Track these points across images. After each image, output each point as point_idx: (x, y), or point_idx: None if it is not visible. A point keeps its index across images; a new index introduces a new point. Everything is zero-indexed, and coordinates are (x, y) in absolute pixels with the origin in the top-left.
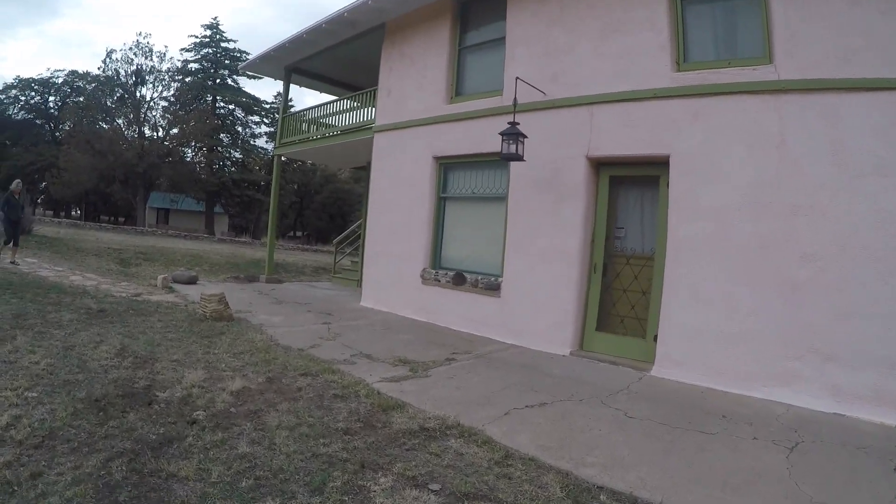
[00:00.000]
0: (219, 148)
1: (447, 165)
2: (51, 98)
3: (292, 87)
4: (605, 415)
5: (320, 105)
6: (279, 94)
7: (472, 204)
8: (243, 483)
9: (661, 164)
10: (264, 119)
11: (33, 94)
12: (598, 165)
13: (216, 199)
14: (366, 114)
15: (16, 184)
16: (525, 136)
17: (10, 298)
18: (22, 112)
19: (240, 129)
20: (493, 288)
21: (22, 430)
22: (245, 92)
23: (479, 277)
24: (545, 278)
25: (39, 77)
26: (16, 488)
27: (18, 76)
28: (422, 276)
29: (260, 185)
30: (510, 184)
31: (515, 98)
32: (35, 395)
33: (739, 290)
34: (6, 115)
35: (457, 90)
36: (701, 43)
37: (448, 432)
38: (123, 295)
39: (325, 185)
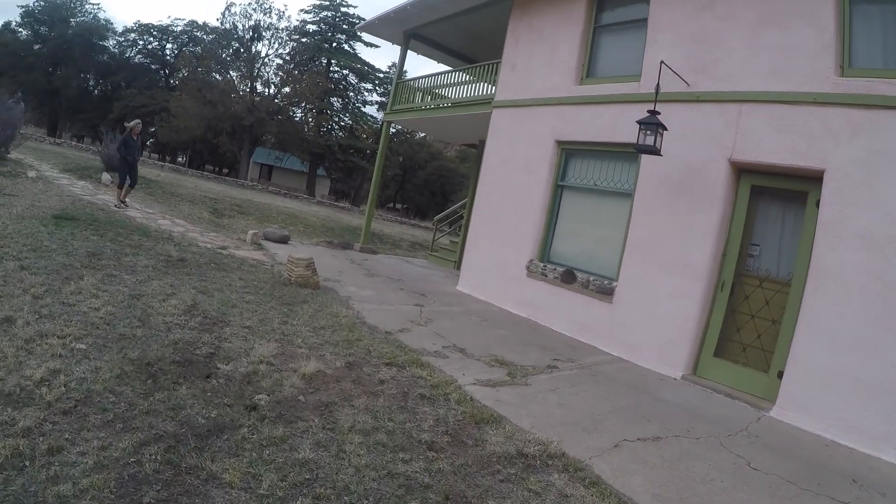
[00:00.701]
0: (328, 111)
1: (570, 151)
2: (168, 45)
3: (408, 55)
4: (725, 462)
5: (436, 74)
6: (394, 63)
7: (592, 196)
8: (298, 502)
9: (813, 179)
10: (377, 88)
11: (151, 39)
12: (740, 172)
13: (320, 162)
14: (482, 88)
15: (135, 123)
16: (665, 129)
17: (91, 235)
18: (139, 56)
19: (351, 94)
20: (606, 292)
21: (55, 388)
22: (360, 58)
23: (591, 278)
24: (665, 289)
25: (159, 24)
26: (26, 464)
27: (138, 21)
28: (527, 268)
29: (365, 152)
30: (638, 180)
31: (658, 84)
32: (83, 346)
33: (888, 336)
34: (124, 56)
35: (588, 71)
36: (869, 48)
37: (550, 463)
38: (208, 246)
39: (430, 161)
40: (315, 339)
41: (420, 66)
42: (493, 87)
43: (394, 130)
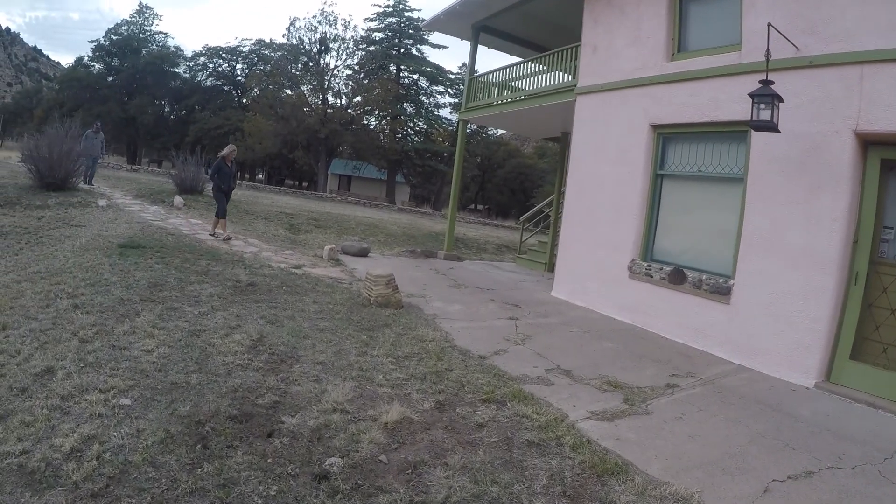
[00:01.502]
0: (402, 117)
1: (667, 136)
2: (238, 66)
3: (479, 50)
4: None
5: (510, 66)
6: (464, 63)
7: (696, 184)
8: None
9: None
10: (449, 90)
11: (221, 61)
12: (867, 144)
13: (398, 168)
14: (558, 77)
15: (229, 150)
16: (781, 100)
17: (155, 264)
18: (210, 78)
19: (423, 99)
20: (721, 292)
21: (86, 462)
22: (429, 62)
23: (704, 277)
24: (791, 285)
25: (227, 45)
26: None
27: (206, 45)
28: (629, 269)
29: (443, 155)
30: (749, 162)
31: (768, 49)
32: (127, 402)
33: None
34: (195, 80)
35: (679, 45)
36: None
37: None
38: (282, 266)
39: (508, 159)
40: (398, 374)
41: (492, 61)
42: (571, 75)
43: (469, 130)
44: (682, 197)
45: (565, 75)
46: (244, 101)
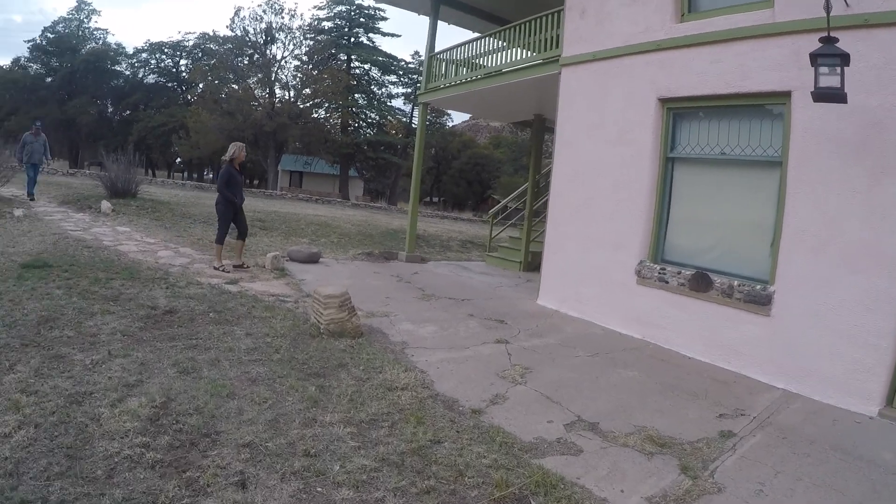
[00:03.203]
0: (353, 109)
1: (679, 112)
2: (182, 61)
3: (439, 26)
4: None
5: (477, 38)
6: (417, 52)
7: (718, 169)
8: None
9: None
10: (402, 79)
11: (164, 57)
12: None
13: (350, 163)
14: (537, 48)
15: (236, 149)
16: (849, 61)
17: (56, 289)
18: (153, 75)
19: (375, 89)
20: (759, 301)
21: None
22: (381, 50)
23: (735, 283)
24: (848, 292)
25: (170, 40)
26: None
27: (148, 40)
28: (637, 273)
29: (396, 147)
30: (790, 142)
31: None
32: None
33: None
34: (137, 78)
35: (690, 4)
36: None
37: None
38: (214, 282)
39: (463, 150)
40: (363, 460)
41: (452, 40)
42: (553, 46)
43: (430, 118)
44: (700, 184)
45: (543, 46)
46: (189, 97)
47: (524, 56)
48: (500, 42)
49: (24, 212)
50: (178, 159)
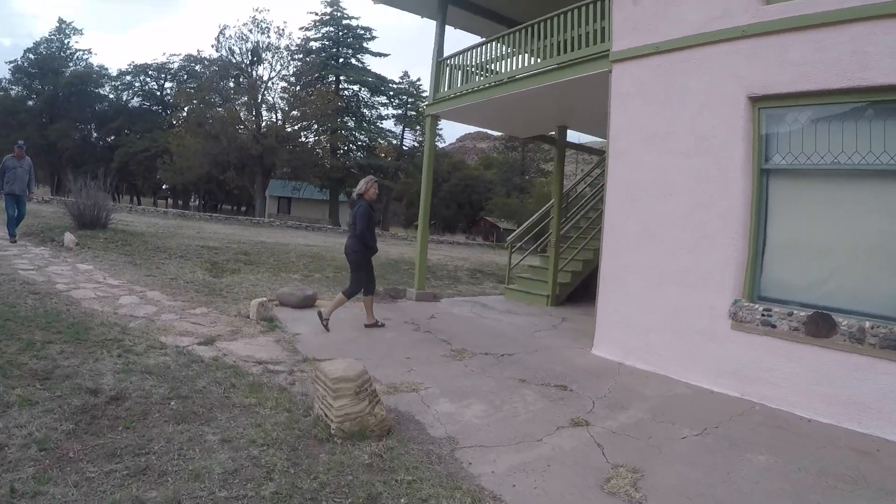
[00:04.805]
0: (342, 131)
1: (775, 113)
2: (167, 84)
3: (447, 31)
4: None
5: (497, 38)
6: (406, 73)
7: (830, 182)
8: None
9: None
10: (392, 100)
11: (148, 79)
12: None
13: (340, 187)
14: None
15: (368, 184)
16: None
17: None
18: (137, 98)
19: (365, 111)
20: None
21: None
22: (370, 71)
23: (868, 325)
24: None
25: (154, 63)
26: None
27: (132, 62)
28: (732, 316)
29: (387, 170)
30: None
31: None
32: None
33: None
34: (121, 101)
35: None
36: None
37: None
38: (183, 344)
39: (453, 172)
40: None
41: (454, 48)
42: (609, 30)
43: (414, 144)
44: (805, 202)
45: (582, 42)
46: (173, 121)
47: (550, 57)
48: (526, 40)
49: None
50: (165, 185)
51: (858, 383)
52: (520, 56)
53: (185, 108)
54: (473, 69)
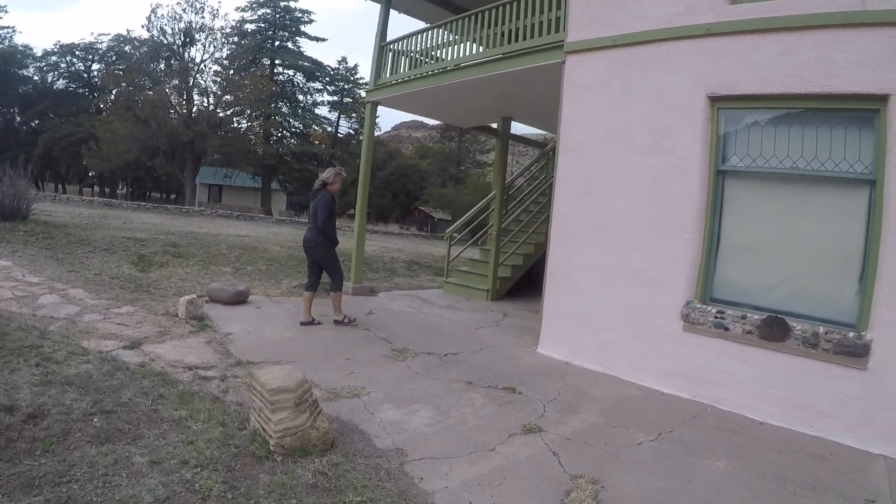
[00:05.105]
0: (276, 117)
1: (735, 114)
2: (94, 65)
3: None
4: None
5: (445, 23)
6: (344, 58)
7: (788, 187)
8: None
9: None
10: (328, 87)
11: (75, 60)
12: None
13: (273, 175)
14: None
15: (332, 175)
16: None
17: None
18: (63, 80)
19: (300, 96)
20: (854, 352)
21: None
22: (307, 56)
23: (821, 330)
24: None
25: (82, 42)
26: None
27: (59, 41)
28: (685, 318)
29: (323, 158)
30: (888, 155)
31: None
32: None
33: None
34: (46, 83)
35: None
36: None
37: None
38: (107, 349)
39: (389, 160)
40: None
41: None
42: (551, 29)
43: (350, 132)
44: (762, 206)
45: (534, 31)
46: (101, 105)
47: (500, 45)
48: (475, 27)
49: None
50: (91, 173)
51: (811, 388)
52: (467, 44)
53: (114, 92)
54: (418, 56)
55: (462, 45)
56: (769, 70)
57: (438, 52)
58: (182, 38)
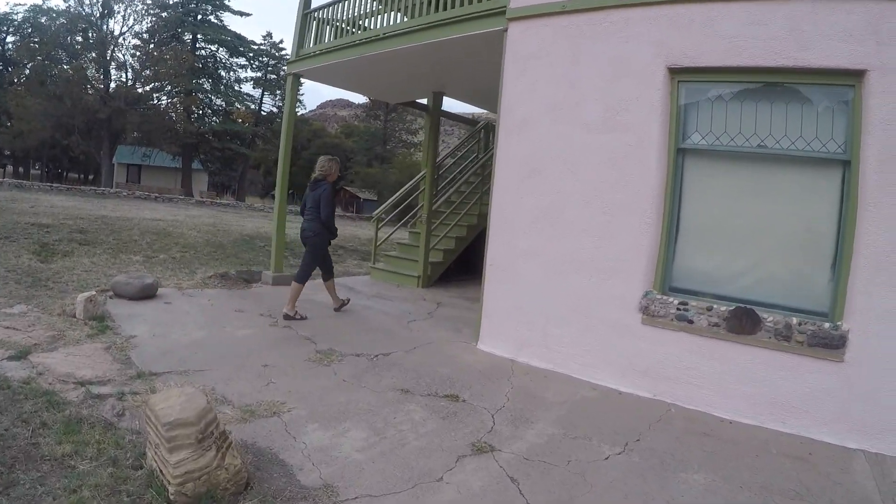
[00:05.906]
0: (197, 94)
1: (697, 88)
2: (9, 38)
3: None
4: None
5: None
6: (269, 33)
7: (759, 169)
8: None
9: None
10: (251, 62)
11: None
12: None
13: (194, 154)
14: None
15: (328, 162)
16: None
17: None
18: None
19: (223, 73)
20: (830, 344)
21: None
22: (230, 30)
23: (795, 321)
24: None
25: None
26: None
27: None
28: (644, 310)
29: (244, 137)
30: (865, 135)
31: None
32: None
33: None
34: None
35: None
36: None
37: None
38: None
39: (313, 139)
40: None
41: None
42: None
43: (273, 109)
44: (727, 187)
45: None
46: (14, 80)
47: (434, 13)
48: None
49: None
50: (4, 151)
51: (784, 382)
52: (397, 12)
53: (29, 66)
54: (344, 25)
55: (392, 13)
56: (735, 41)
57: (366, 20)
58: (100, 9)
